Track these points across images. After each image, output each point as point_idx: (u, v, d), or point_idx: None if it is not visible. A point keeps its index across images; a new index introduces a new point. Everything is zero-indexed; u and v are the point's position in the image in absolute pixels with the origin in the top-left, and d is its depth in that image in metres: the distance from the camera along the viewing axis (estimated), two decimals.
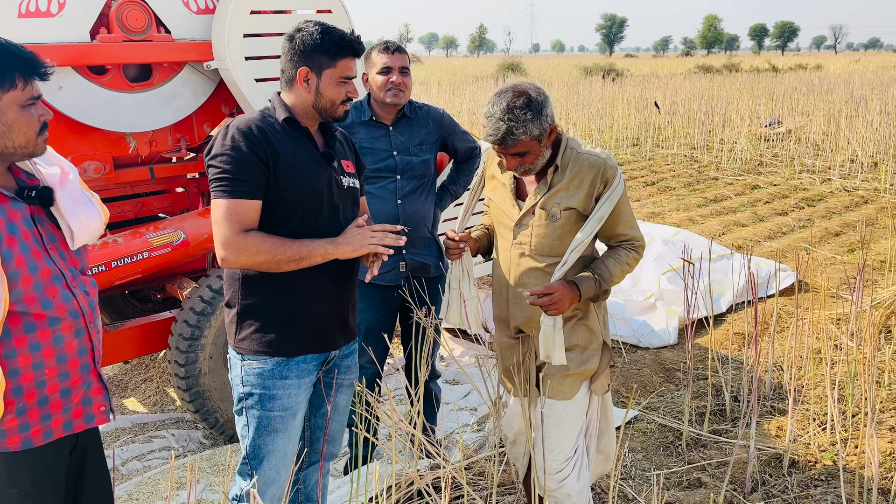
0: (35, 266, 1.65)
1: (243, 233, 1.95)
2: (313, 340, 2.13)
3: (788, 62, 46.63)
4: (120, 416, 3.82)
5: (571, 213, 2.24)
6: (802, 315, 4.98)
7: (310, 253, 2.00)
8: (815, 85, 21.40)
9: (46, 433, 1.70)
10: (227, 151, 1.95)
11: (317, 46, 2.02)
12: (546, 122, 2.14)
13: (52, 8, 2.86)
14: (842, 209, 8.48)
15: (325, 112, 2.10)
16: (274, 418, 2.10)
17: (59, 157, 1.84)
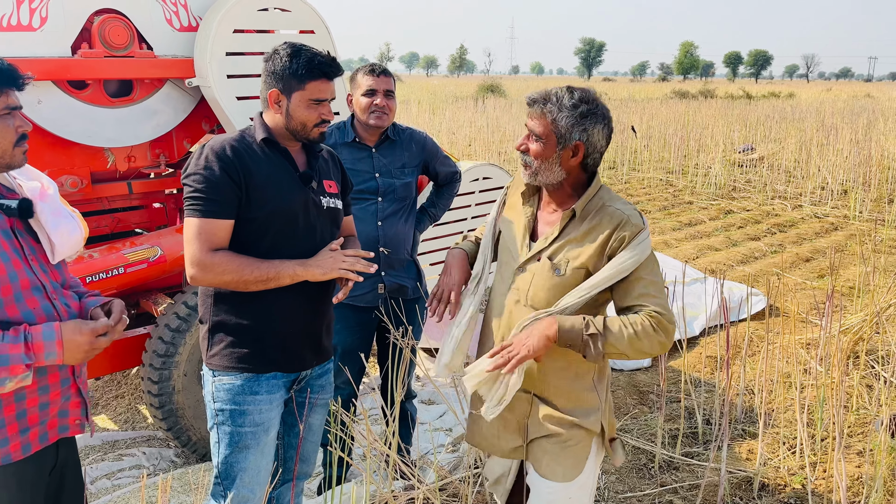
0: (15, 275, 1.65)
1: (212, 252, 1.97)
2: (283, 359, 2.14)
3: (762, 89, 47.61)
4: (88, 436, 3.76)
5: (580, 272, 1.92)
6: (773, 339, 5.06)
7: (278, 274, 2.00)
8: (788, 113, 21.88)
9: (24, 447, 1.70)
10: (200, 171, 1.98)
11: (286, 69, 2.03)
12: (578, 131, 1.88)
13: (34, 22, 2.85)
14: (812, 235, 8.64)
15: (297, 134, 2.10)
16: (245, 434, 2.10)
17: (39, 172, 1.85)
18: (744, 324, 5.50)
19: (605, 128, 1.92)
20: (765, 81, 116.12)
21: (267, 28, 3.34)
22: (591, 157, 1.94)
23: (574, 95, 1.89)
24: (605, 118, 1.92)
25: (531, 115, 1.94)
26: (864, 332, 4.69)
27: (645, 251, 1.88)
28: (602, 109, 1.92)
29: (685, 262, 7.20)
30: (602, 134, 1.91)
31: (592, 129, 1.89)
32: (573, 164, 1.93)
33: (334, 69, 2.09)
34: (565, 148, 1.90)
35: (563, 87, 1.94)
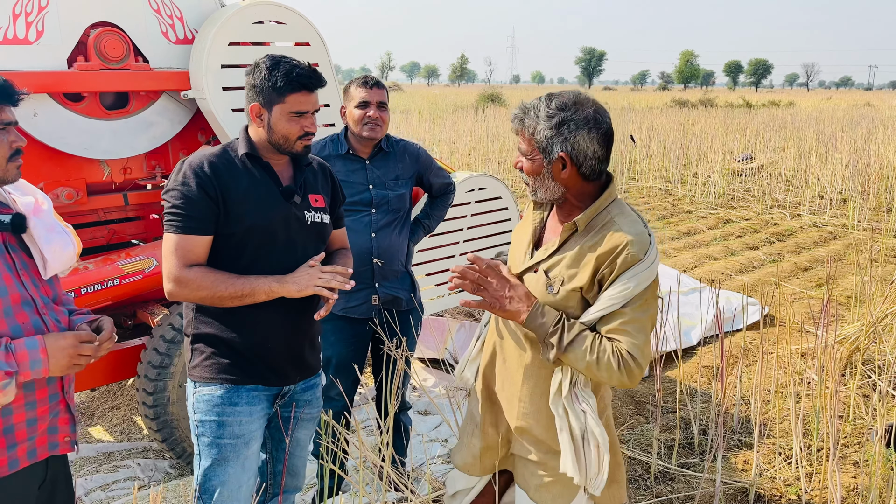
0: (5, 290, 1.66)
1: (187, 267, 1.98)
2: (264, 373, 2.14)
3: (762, 98, 47.74)
4: (85, 445, 3.76)
5: (574, 295, 1.80)
6: (770, 349, 5.06)
7: (253, 290, 2.00)
8: (788, 122, 21.91)
9: (12, 462, 1.69)
10: (178, 187, 1.99)
11: (266, 82, 2.02)
12: (558, 142, 1.75)
13: (31, 35, 2.87)
14: (811, 244, 8.64)
15: (281, 147, 2.09)
16: (225, 446, 2.09)
17: (34, 187, 1.86)
18: (741, 333, 5.50)
19: (593, 131, 1.75)
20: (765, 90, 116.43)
21: (262, 41, 3.37)
22: (585, 165, 1.77)
23: (551, 105, 1.77)
24: (588, 122, 1.75)
25: (516, 132, 1.86)
26: (860, 341, 4.68)
27: (641, 283, 1.72)
28: (585, 113, 1.76)
29: (683, 271, 7.21)
30: (590, 139, 1.75)
31: (574, 137, 1.74)
32: (567, 176, 1.79)
33: (314, 81, 2.07)
34: (552, 162, 1.78)
35: (542, 96, 1.82)
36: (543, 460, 1.94)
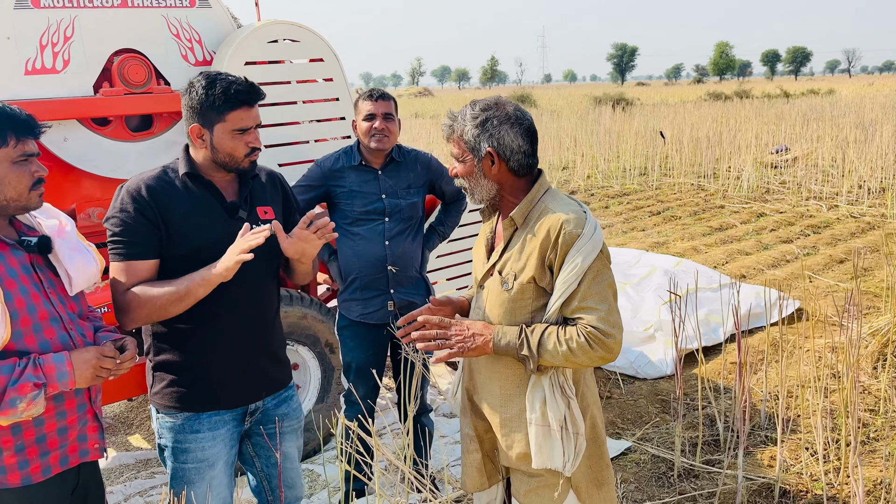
0: (34, 308, 1.78)
1: (125, 292, 1.97)
2: (225, 396, 2.14)
3: (801, 87, 46.70)
4: (124, 453, 3.92)
5: (529, 286, 1.87)
6: (801, 343, 5.00)
7: (188, 287, 1.95)
8: (826, 110, 21.43)
9: (45, 469, 1.81)
10: (116, 214, 1.99)
11: (203, 101, 2.00)
12: (484, 138, 1.86)
13: (58, 65, 3.03)
14: (847, 236, 8.48)
15: (228, 166, 2.07)
16: (189, 470, 2.12)
17: (57, 210, 1.98)
18: (772, 328, 5.44)
19: (515, 126, 1.86)
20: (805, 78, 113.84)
21: (277, 59, 3.48)
22: (512, 159, 1.88)
23: (475, 107, 1.89)
24: (510, 118, 1.86)
25: (447, 138, 1.94)
26: (892, 333, 4.60)
27: (588, 257, 1.78)
28: (506, 111, 1.87)
29: (714, 267, 7.14)
30: (513, 133, 1.86)
31: (498, 131, 1.85)
32: (498, 172, 1.90)
33: (254, 95, 2.05)
34: (482, 160, 1.88)
35: (468, 103, 1.94)
36: (531, 469, 1.96)
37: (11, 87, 2.92)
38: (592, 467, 1.97)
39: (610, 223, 9.68)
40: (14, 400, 1.66)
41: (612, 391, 4.59)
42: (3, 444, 1.74)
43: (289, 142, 3.56)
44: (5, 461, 1.74)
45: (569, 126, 19.11)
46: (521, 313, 1.91)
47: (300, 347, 3.68)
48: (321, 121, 3.69)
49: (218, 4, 3.44)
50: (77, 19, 3.04)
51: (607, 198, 11.49)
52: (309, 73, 3.61)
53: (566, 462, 1.87)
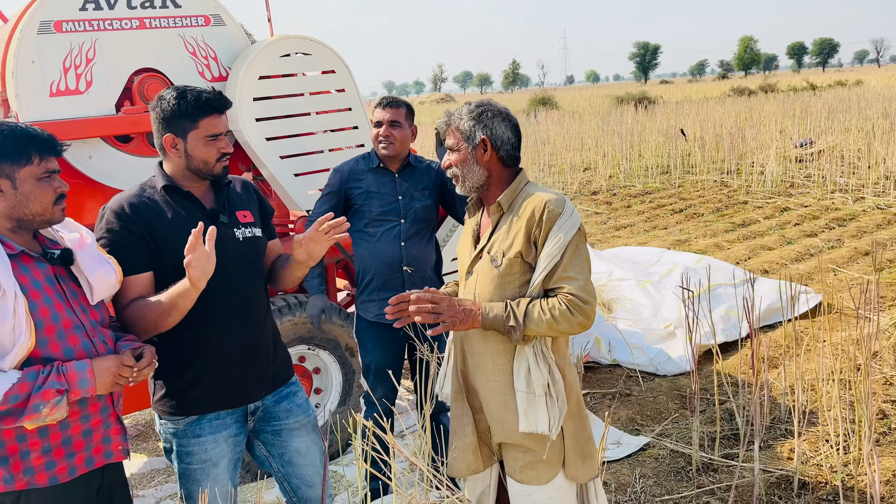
0: (57, 316, 1.88)
1: (123, 309, 2.07)
2: (223, 397, 2.22)
3: (828, 79, 45.99)
4: (155, 458, 4.05)
5: (516, 261, 2.05)
6: (823, 337, 4.98)
7: (171, 299, 2.00)
8: (853, 102, 21.11)
9: (71, 470, 1.91)
10: (103, 234, 2.07)
11: (176, 111, 2.07)
12: (479, 128, 2.08)
13: (81, 86, 3.17)
14: (873, 228, 8.38)
15: (201, 172, 2.14)
16: (194, 470, 2.22)
17: (78, 224, 2.09)
18: (792, 322, 5.42)
19: (505, 121, 2.11)
20: (833, 70, 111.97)
21: (290, 72, 3.59)
22: (502, 149, 2.11)
23: (471, 104, 2.14)
24: (501, 114, 2.12)
25: (443, 132, 2.17)
26: None
27: (568, 233, 1.98)
28: (497, 109, 2.13)
29: (736, 263, 7.11)
30: (504, 126, 2.10)
31: (492, 123, 2.09)
32: (489, 159, 2.11)
33: (223, 102, 2.14)
34: (476, 147, 2.10)
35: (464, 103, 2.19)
36: (524, 442, 2.09)
37: (37, 109, 3.06)
38: (577, 441, 2.11)
39: (632, 222, 9.67)
40: (38, 405, 1.77)
41: (632, 388, 4.61)
42: (31, 446, 1.84)
43: (304, 152, 3.66)
44: (33, 462, 1.85)
45: (590, 127, 19.08)
46: (509, 288, 2.06)
47: (321, 352, 3.78)
48: (335, 130, 3.79)
49: (232, 22, 3.56)
50: (98, 42, 3.18)
51: (629, 197, 11.47)
52: (321, 85, 3.72)
53: (552, 425, 2.00)
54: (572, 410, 2.10)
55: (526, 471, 2.10)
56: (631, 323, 5.52)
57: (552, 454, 2.08)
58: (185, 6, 3.41)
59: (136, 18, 3.27)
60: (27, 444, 1.83)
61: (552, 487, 2.09)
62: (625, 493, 3.43)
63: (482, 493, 2.30)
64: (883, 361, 4.52)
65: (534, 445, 2.08)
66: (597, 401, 4.49)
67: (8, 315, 1.75)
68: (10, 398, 1.73)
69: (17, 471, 1.83)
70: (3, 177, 1.83)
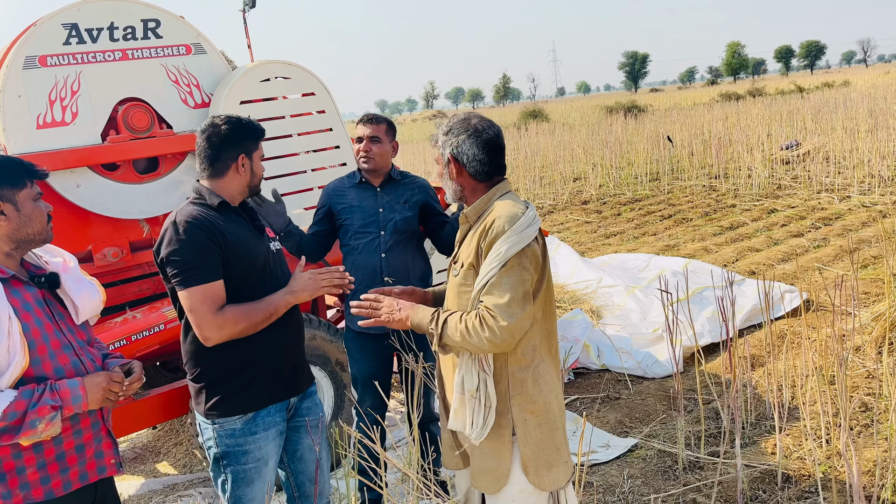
0: (48, 337, 1.98)
1: (219, 311, 2.19)
2: (275, 391, 2.38)
3: (816, 81, 46.35)
4: (153, 479, 4.11)
5: (470, 272, 2.09)
6: (808, 334, 5.06)
7: (276, 308, 2.27)
8: (840, 103, 21.31)
9: (66, 484, 1.99)
10: (184, 245, 2.18)
11: (247, 133, 2.34)
12: (447, 146, 2.12)
13: (67, 118, 3.26)
14: (859, 226, 8.48)
15: (254, 188, 2.42)
16: (249, 470, 2.34)
17: (61, 249, 2.19)
18: (777, 321, 5.50)
19: (472, 137, 2.10)
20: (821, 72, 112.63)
21: (271, 96, 3.69)
22: (469, 166, 2.11)
23: (449, 122, 2.17)
24: (469, 131, 2.11)
25: (433, 147, 2.23)
26: (893, 317, 4.65)
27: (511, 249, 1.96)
28: (467, 125, 2.12)
29: (724, 265, 7.20)
30: (470, 143, 2.10)
31: (457, 140, 2.11)
32: (457, 175, 2.15)
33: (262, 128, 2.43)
34: (448, 164, 2.15)
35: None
36: (476, 448, 2.14)
37: (25, 142, 3.15)
38: (544, 450, 2.10)
39: (622, 230, 9.77)
40: (34, 421, 1.85)
41: (621, 392, 4.68)
42: (27, 461, 1.92)
43: (288, 172, 3.76)
44: (29, 477, 1.92)
45: (580, 137, 19.24)
46: (464, 297, 2.10)
47: (312, 368, 3.85)
48: (317, 150, 3.89)
49: (212, 50, 3.67)
50: (82, 74, 3.28)
51: (619, 205, 11.58)
52: (302, 107, 3.82)
53: (474, 430, 2.05)
54: (539, 420, 2.09)
55: (477, 477, 2.15)
56: (620, 328, 5.60)
57: (499, 464, 2.09)
58: (167, 36, 3.52)
59: (118, 50, 3.38)
60: (23, 460, 1.91)
61: (512, 492, 2.10)
62: (613, 493, 3.49)
63: (468, 490, 2.35)
64: (865, 355, 4.60)
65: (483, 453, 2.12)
66: (586, 405, 4.56)
67: (3, 336, 1.84)
68: (8, 415, 1.82)
69: (14, 486, 1.90)
70: (6, 201, 1.96)
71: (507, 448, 2.10)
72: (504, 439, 2.09)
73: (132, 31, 3.40)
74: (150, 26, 3.46)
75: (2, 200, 1.95)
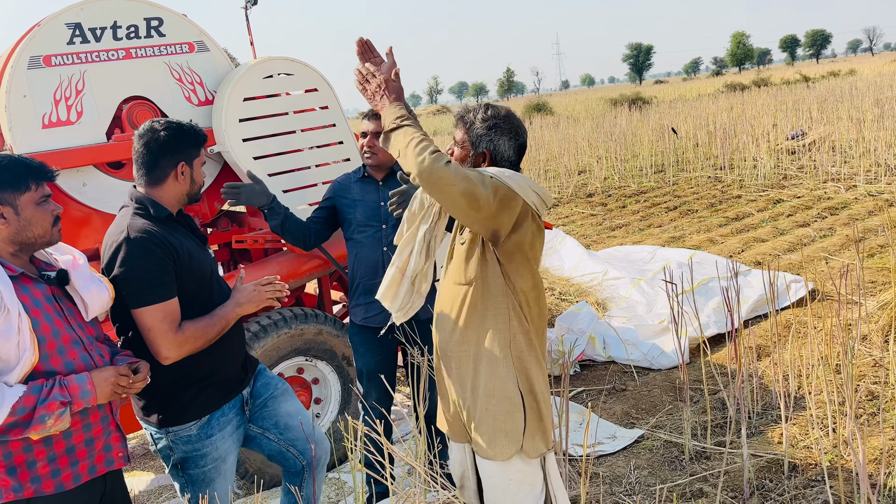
0: (58, 332, 2.00)
1: (178, 329, 2.18)
2: (226, 391, 2.41)
3: (822, 70, 46.09)
4: (162, 475, 4.13)
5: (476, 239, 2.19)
6: (814, 324, 5.05)
7: (227, 321, 2.30)
8: (845, 91, 21.20)
9: (75, 477, 2.02)
10: (138, 262, 2.14)
11: (186, 140, 2.27)
12: (486, 140, 2.15)
13: (72, 117, 3.28)
14: (865, 215, 8.45)
15: (195, 196, 2.36)
16: (209, 471, 2.37)
17: (70, 247, 2.21)
18: (783, 311, 5.50)
19: (512, 140, 2.17)
20: (827, 61, 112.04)
21: (274, 92, 3.71)
22: (500, 164, 2.17)
23: (488, 112, 2.18)
24: (511, 132, 2.16)
25: (456, 125, 2.25)
26: None
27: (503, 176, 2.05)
28: (511, 125, 2.17)
29: (729, 256, 7.19)
30: (509, 145, 2.16)
31: (499, 140, 2.15)
32: (480, 161, 2.18)
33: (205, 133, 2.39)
34: (477, 154, 2.18)
35: (483, 104, 2.22)
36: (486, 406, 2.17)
37: (31, 141, 3.17)
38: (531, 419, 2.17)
39: (627, 222, 9.76)
40: (43, 416, 1.88)
41: (627, 383, 4.69)
42: (37, 455, 1.95)
43: (291, 168, 3.77)
44: (39, 471, 1.95)
45: (585, 130, 19.20)
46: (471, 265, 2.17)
47: (318, 362, 3.87)
48: (321, 146, 3.90)
49: (215, 47, 3.68)
50: (86, 73, 3.30)
51: (624, 197, 11.56)
52: (305, 103, 3.84)
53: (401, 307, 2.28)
54: (531, 388, 2.16)
55: (486, 443, 2.17)
56: (626, 320, 5.60)
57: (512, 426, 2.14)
58: (170, 35, 3.53)
59: (122, 49, 3.39)
60: (33, 453, 1.94)
61: (512, 468, 2.16)
62: (620, 484, 3.51)
63: (462, 475, 2.40)
64: (871, 344, 4.59)
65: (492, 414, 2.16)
66: (592, 397, 4.57)
67: (13, 332, 1.87)
68: (18, 410, 1.84)
69: (25, 480, 1.93)
70: (6, 204, 1.96)
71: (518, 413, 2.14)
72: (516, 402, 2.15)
73: (135, 29, 3.42)
74: (152, 25, 3.47)
75: (1, 204, 1.95)
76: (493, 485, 2.21)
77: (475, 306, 2.15)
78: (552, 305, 6.07)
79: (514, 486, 2.17)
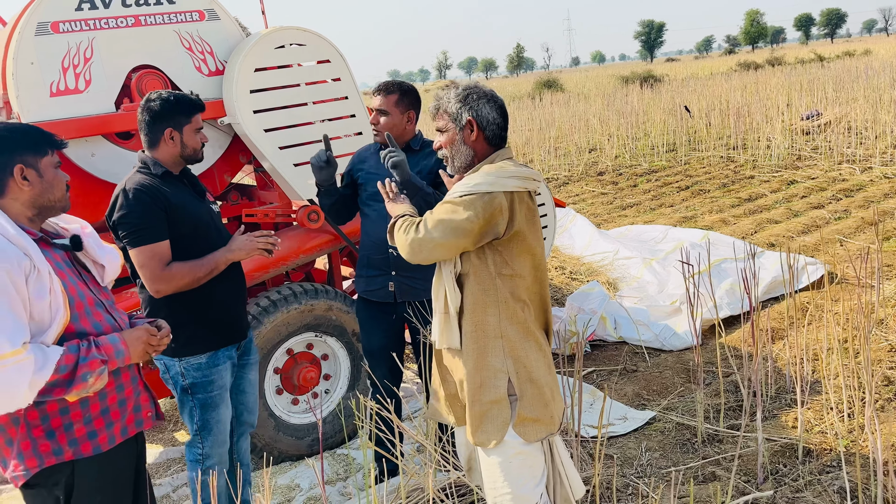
0: (83, 294, 2.00)
1: (166, 266, 2.51)
2: (229, 334, 2.76)
3: (837, 50, 45.44)
4: (171, 448, 4.13)
5: None
6: (830, 307, 4.98)
7: (216, 264, 2.60)
8: (860, 72, 20.86)
9: (110, 439, 2.03)
10: (133, 208, 2.47)
11: (174, 109, 2.58)
12: (465, 110, 2.19)
13: (80, 85, 3.22)
14: (881, 197, 8.33)
15: (190, 158, 2.67)
16: (215, 396, 2.72)
17: (74, 217, 2.19)
18: (798, 294, 5.42)
19: (491, 102, 2.22)
20: (841, 41, 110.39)
21: (285, 63, 3.62)
22: (487, 129, 2.22)
23: (458, 87, 2.26)
24: (487, 96, 2.22)
25: (433, 116, 2.29)
26: None
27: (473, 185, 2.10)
28: (483, 92, 2.23)
29: (742, 237, 7.10)
30: (490, 108, 2.21)
31: (477, 104, 2.20)
32: (475, 139, 2.23)
33: (202, 102, 2.70)
34: (463, 128, 2.21)
35: (445, 85, 2.36)
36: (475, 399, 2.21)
37: (39, 110, 3.11)
38: (534, 405, 2.20)
39: (638, 201, 9.66)
40: (85, 375, 1.87)
41: (638, 364, 4.65)
42: (73, 417, 1.95)
43: (303, 142, 3.70)
44: (76, 433, 1.96)
45: (596, 107, 18.99)
46: None
47: (328, 338, 3.84)
48: (332, 119, 3.82)
49: (226, 16, 3.59)
50: (95, 41, 3.23)
51: (635, 176, 11.45)
52: (317, 75, 3.75)
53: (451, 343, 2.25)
54: (530, 375, 2.19)
55: (474, 429, 2.21)
56: (637, 300, 5.55)
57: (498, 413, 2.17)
58: (179, 2, 3.45)
59: (131, 16, 3.32)
60: (69, 416, 1.94)
61: (507, 452, 2.18)
62: (631, 466, 3.47)
63: (469, 457, 2.46)
64: (888, 329, 4.53)
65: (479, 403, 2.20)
66: (603, 377, 4.53)
67: (45, 293, 1.85)
68: (60, 368, 1.83)
69: (63, 443, 1.94)
70: (30, 167, 1.96)
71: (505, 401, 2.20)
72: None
73: None
74: None
75: (26, 166, 1.95)
76: (488, 464, 2.24)
77: (466, 298, 2.20)
78: (562, 284, 6.01)
79: (514, 468, 2.20)
